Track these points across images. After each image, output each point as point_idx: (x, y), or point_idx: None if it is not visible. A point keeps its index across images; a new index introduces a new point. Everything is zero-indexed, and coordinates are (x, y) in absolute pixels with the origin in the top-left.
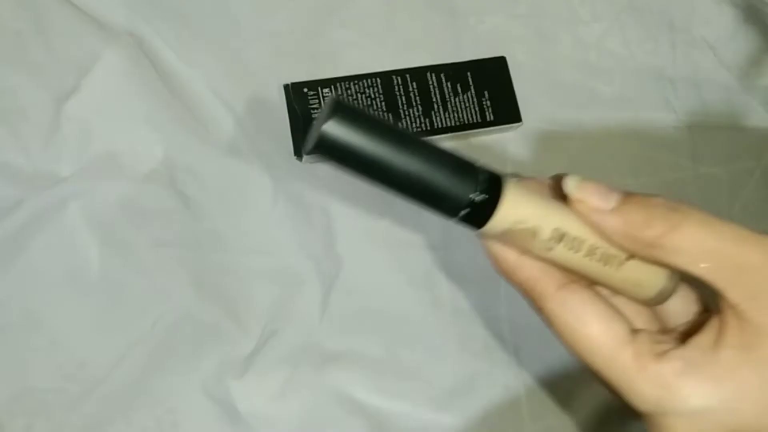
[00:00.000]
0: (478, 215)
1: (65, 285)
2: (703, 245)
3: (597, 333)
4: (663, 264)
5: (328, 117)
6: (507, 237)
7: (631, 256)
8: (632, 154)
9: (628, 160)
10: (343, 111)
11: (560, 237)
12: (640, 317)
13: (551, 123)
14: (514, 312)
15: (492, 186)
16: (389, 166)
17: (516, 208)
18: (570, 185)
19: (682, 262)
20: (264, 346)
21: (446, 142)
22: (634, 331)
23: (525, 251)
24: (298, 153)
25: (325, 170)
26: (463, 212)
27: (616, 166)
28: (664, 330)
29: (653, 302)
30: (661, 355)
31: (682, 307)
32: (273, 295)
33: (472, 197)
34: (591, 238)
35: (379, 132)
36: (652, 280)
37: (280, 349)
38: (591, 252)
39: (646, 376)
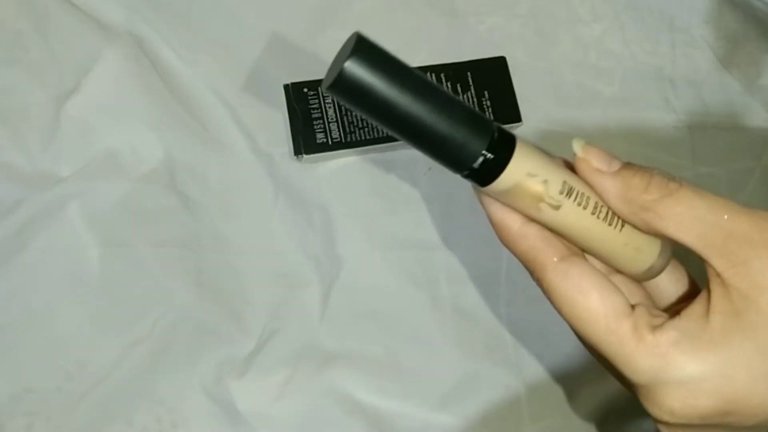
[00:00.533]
0: (491, 168)
1: (65, 285)
2: (694, 213)
3: (597, 304)
4: (654, 230)
5: (350, 55)
6: (516, 193)
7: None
8: (632, 154)
9: (628, 160)
10: (364, 50)
11: (569, 191)
12: (632, 298)
13: (551, 123)
14: (514, 312)
15: (505, 141)
16: (406, 113)
17: (528, 161)
18: (576, 146)
19: (672, 228)
20: (264, 346)
21: None
22: (632, 305)
23: (531, 213)
24: (298, 153)
25: (325, 170)
26: (477, 163)
27: None
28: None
29: (648, 274)
30: (657, 326)
31: (671, 288)
32: (273, 295)
33: (485, 151)
34: (595, 197)
35: (399, 76)
36: (650, 247)
37: (280, 349)
38: (597, 209)
39: (644, 347)
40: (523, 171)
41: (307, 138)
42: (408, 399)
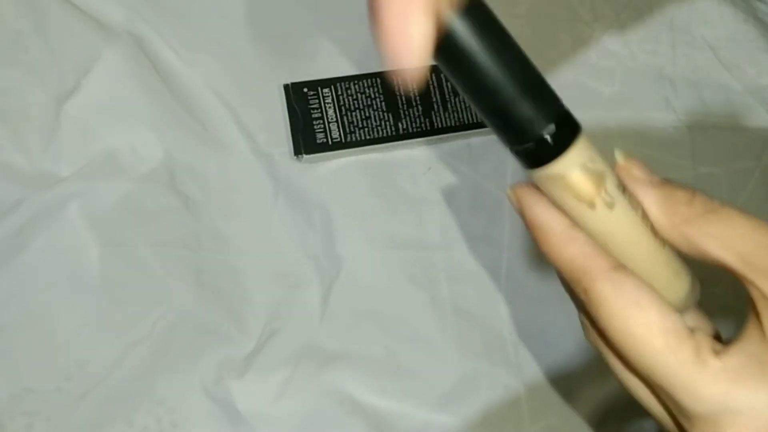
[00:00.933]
0: (553, 147)
1: (65, 285)
2: (738, 231)
3: (656, 319)
4: (695, 247)
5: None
6: (573, 181)
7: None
8: (632, 154)
9: None
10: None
11: (624, 189)
12: None
13: None
14: (514, 312)
15: (571, 123)
16: (479, 63)
17: (589, 148)
18: (618, 154)
19: (715, 245)
20: (264, 346)
21: (447, 142)
22: (691, 328)
23: (580, 211)
24: (298, 153)
25: (325, 170)
26: (547, 133)
27: None
28: None
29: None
30: (719, 351)
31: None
32: (273, 295)
33: (552, 125)
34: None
35: (482, 22)
36: (686, 275)
37: (280, 349)
38: (645, 216)
39: (709, 373)
40: (586, 154)
41: (307, 138)
42: (408, 399)
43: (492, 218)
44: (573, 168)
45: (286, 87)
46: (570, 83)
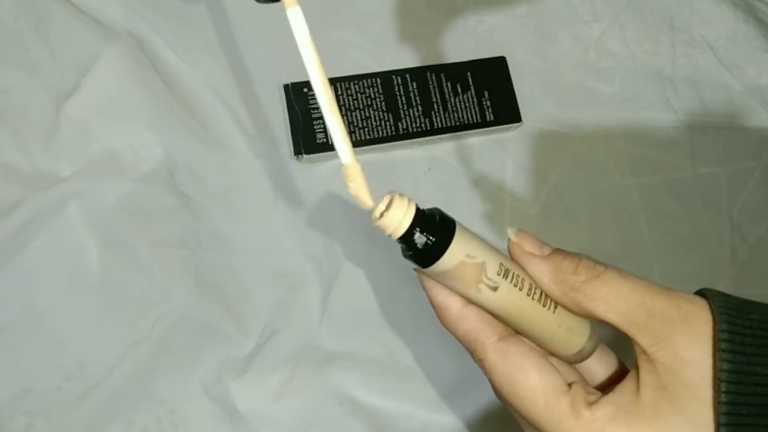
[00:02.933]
0: (433, 250)
1: (65, 285)
2: (619, 293)
3: (536, 382)
4: (583, 310)
5: None
6: (456, 274)
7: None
8: (632, 154)
9: (628, 160)
10: None
11: (506, 272)
12: (568, 378)
13: (551, 123)
14: None
15: (446, 225)
16: None
17: (467, 244)
18: (510, 232)
19: (600, 308)
20: (264, 346)
21: (447, 142)
22: (569, 383)
23: (470, 294)
24: (298, 153)
25: (325, 170)
26: (421, 244)
27: (616, 166)
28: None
29: (579, 356)
30: (593, 402)
31: (601, 370)
32: (273, 295)
33: (428, 234)
34: (529, 279)
35: None
36: (581, 329)
37: (280, 349)
38: (531, 291)
39: (582, 423)
40: (462, 253)
41: (307, 138)
42: (408, 399)
43: (491, 218)
44: (455, 262)
45: (286, 87)
46: (570, 83)
